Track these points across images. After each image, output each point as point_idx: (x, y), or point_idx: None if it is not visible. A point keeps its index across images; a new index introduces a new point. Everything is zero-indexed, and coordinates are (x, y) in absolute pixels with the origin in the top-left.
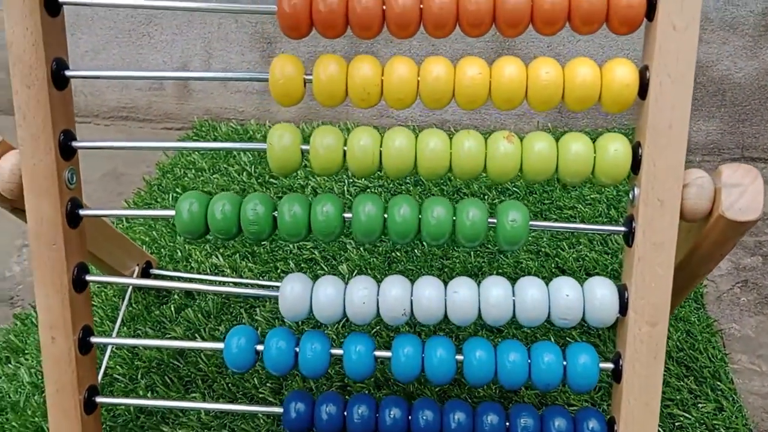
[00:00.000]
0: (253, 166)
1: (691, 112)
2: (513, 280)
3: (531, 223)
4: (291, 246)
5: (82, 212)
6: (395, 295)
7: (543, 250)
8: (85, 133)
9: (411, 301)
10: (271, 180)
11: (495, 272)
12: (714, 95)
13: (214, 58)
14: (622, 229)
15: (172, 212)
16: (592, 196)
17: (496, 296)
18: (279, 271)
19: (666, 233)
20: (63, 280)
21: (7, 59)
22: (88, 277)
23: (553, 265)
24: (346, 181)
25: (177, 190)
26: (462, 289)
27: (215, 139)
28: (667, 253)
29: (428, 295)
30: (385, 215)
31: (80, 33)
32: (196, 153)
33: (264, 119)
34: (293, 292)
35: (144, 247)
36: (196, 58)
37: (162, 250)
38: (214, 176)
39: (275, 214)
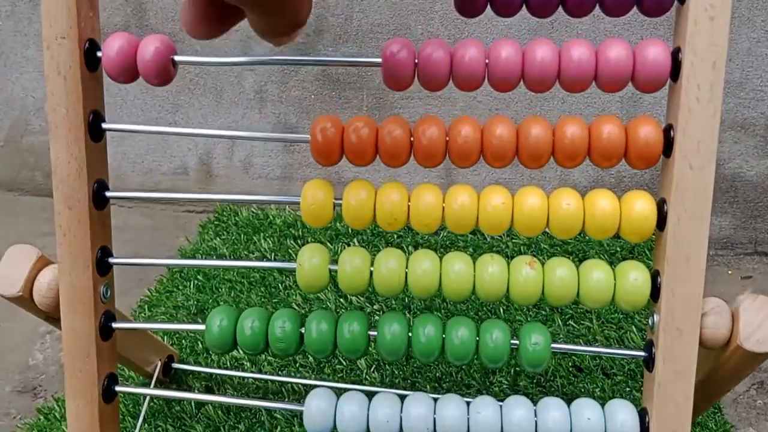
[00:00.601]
0: (272, 254)
1: None
2: (530, 380)
3: (553, 345)
4: None
5: (114, 325)
6: (418, 414)
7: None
8: None
9: (434, 419)
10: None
11: (513, 370)
12: (726, 192)
13: (238, 145)
14: (642, 354)
15: (202, 327)
16: None
17: (518, 417)
18: (298, 364)
19: (686, 361)
20: (93, 391)
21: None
22: (118, 388)
23: (570, 364)
24: None
25: (198, 277)
26: (485, 410)
27: (236, 224)
28: (687, 381)
29: (451, 415)
30: (410, 334)
31: (108, 119)
32: (218, 239)
33: (284, 204)
34: (319, 408)
35: (165, 337)
36: (219, 145)
37: (183, 341)
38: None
39: (303, 330)
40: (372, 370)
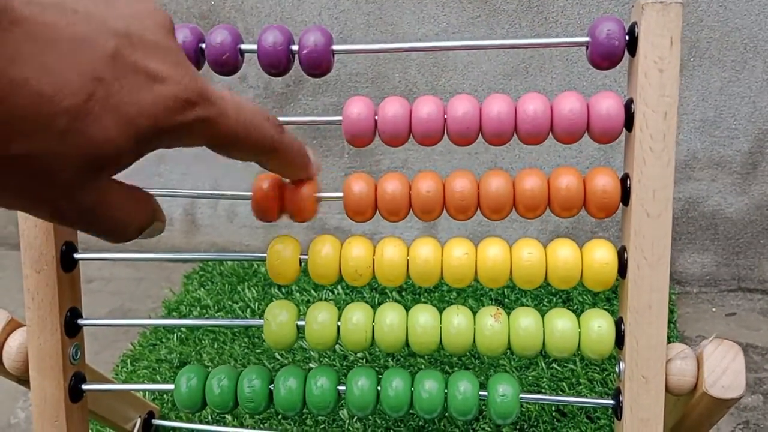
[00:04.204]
0: (257, 303)
1: (685, 245)
2: (513, 426)
3: (521, 396)
4: None
5: (84, 387)
6: None
7: (543, 390)
8: (93, 267)
9: None
10: None
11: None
12: (707, 229)
13: None
14: (611, 402)
15: (171, 386)
16: None
17: None
18: (279, 417)
19: (652, 409)
20: None
21: None
22: None
23: (553, 409)
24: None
25: (182, 329)
26: None
27: (221, 273)
28: (655, 429)
29: None
30: (379, 388)
31: None
32: (202, 289)
33: (251, 261)
34: None
35: (146, 392)
36: None
37: (164, 395)
38: (218, 314)
39: (272, 387)
40: (354, 420)
